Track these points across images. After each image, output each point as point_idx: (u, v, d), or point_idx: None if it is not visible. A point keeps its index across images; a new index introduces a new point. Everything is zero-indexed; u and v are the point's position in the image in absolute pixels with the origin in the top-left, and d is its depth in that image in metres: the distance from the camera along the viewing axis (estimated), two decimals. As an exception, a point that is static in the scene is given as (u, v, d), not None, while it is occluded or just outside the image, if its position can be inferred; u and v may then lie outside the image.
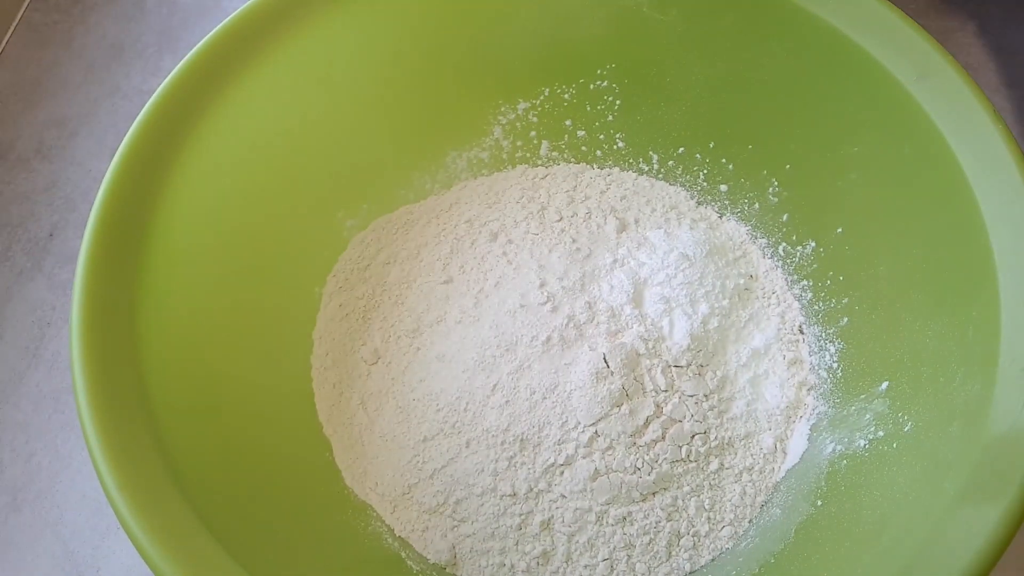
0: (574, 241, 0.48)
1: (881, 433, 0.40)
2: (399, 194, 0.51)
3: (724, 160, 0.50)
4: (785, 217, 0.48)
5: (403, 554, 0.41)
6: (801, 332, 0.47)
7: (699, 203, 0.51)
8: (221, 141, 0.43)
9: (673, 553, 0.41)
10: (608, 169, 0.53)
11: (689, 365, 0.44)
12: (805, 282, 0.47)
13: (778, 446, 0.43)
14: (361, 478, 0.43)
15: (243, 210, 0.45)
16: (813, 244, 0.47)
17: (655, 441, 0.42)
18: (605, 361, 0.43)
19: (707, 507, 0.42)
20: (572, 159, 0.53)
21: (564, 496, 0.41)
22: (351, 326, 0.47)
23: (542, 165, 0.53)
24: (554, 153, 0.53)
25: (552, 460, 0.42)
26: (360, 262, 0.49)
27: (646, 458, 0.42)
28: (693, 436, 0.42)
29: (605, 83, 0.51)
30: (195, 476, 0.36)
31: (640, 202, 0.51)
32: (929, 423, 0.38)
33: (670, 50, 0.49)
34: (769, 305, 0.47)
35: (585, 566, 0.40)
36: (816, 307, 0.47)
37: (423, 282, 0.48)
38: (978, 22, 0.59)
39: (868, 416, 0.41)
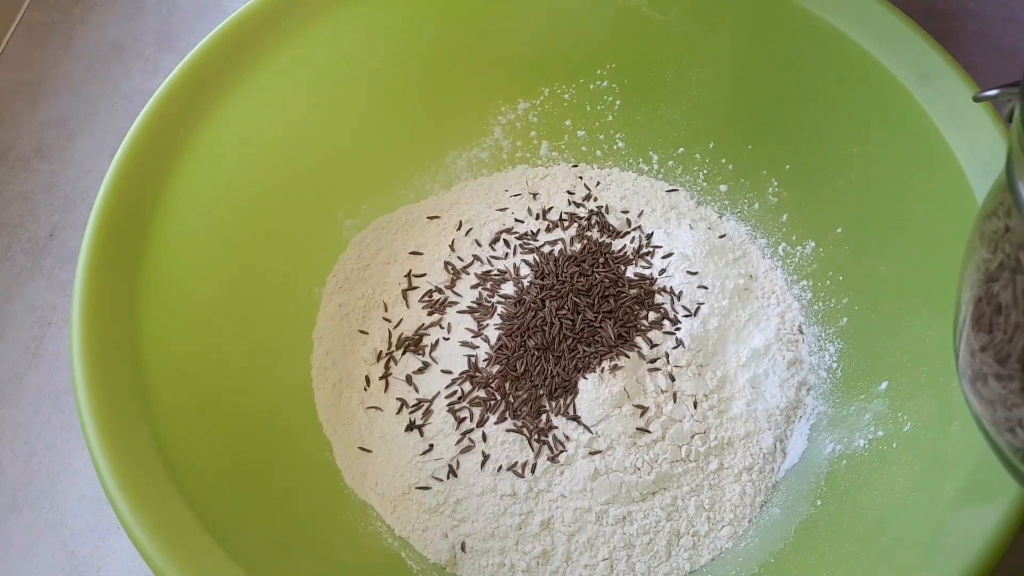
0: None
1: (881, 433, 0.40)
2: (399, 194, 0.51)
3: (724, 160, 0.50)
4: (785, 217, 0.48)
5: (403, 554, 0.41)
6: (801, 332, 0.47)
7: (699, 203, 0.51)
8: (221, 141, 0.43)
9: (673, 553, 0.41)
10: (608, 169, 0.53)
11: (689, 365, 0.44)
12: (805, 282, 0.47)
13: (778, 446, 0.43)
14: (361, 478, 0.43)
15: (243, 210, 0.45)
16: (813, 244, 0.47)
17: (655, 441, 0.42)
18: (605, 361, 0.43)
19: (707, 507, 0.42)
20: (572, 159, 0.53)
21: (564, 496, 0.41)
22: (351, 326, 0.47)
23: (542, 165, 0.53)
24: (554, 153, 0.53)
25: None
26: (360, 262, 0.49)
27: (646, 458, 0.42)
28: (693, 436, 0.43)
29: (605, 83, 0.51)
30: (195, 476, 0.36)
31: (640, 202, 0.51)
32: (929, 423, 0.38)
33: (670, 50, 0.49)
34: (769, 305, 0.47)
35: (585, 566, 0.40)
36: (816, 307, 0.47)
37: (423, 282, 0.48)
38: (978, 22, 0.59)
39: (868, 416, 0.41)
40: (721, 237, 0.49)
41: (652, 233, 0.49)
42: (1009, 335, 0.26)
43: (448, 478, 0.42)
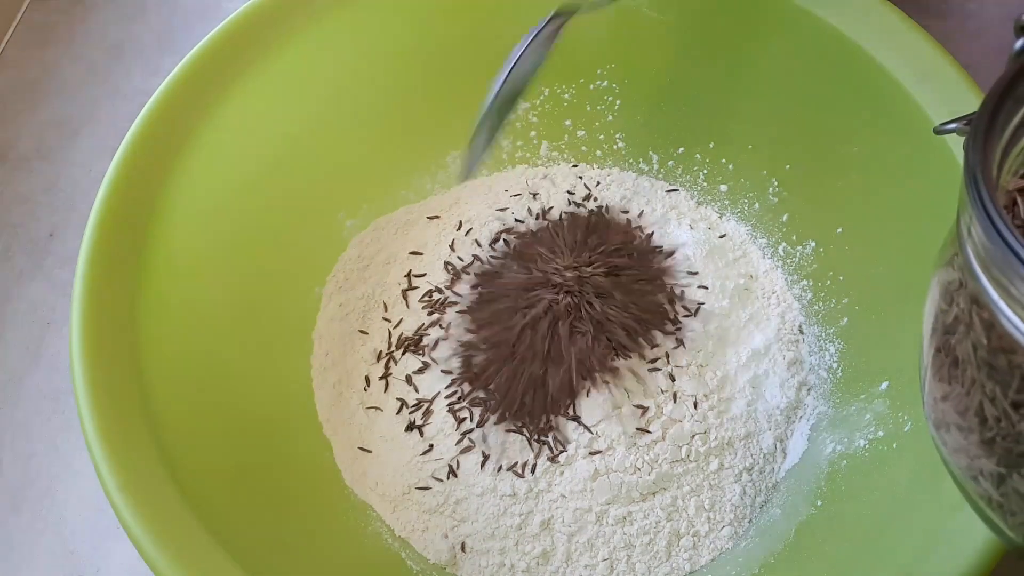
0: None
1: (881, 433, 0.40)
2: (399, 194, 0.51)
3: (724, 160, 0.50)
4: (785, 217, 0.48)
5: (403, 554, 0.41)
6: (801, 332, 0.47)
7: (699, 203, 0.51)
8: (221, 141, 0.43)
9: (673, 553, 0.41)
10: (608, 169, 0.53)
11: (689, 365, 0.44)
12: (805, 282, 0.47)
13: (778, 446, 0.43)
14: (361, 478, 0.44)
15: (243, 210, 0.45)
16: (813, 244, 0.47)
17: (655, 441, 0.42)
18: (605, 361, 0.43)
19: (707, 507, 0.42)
20: (572, 159, 0.53)
21: (564, 496, 0.41)
22: (351, 326, 0.47)
23: (542, 165, 0.53)
24: (554, 153, 0.53)
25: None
26: (360, 262, 0.49)
27: (646, 458, 0.42)
28: (693, 436, 0.43)
29: (605, 83, 0.51)
30: (195, 476, 0.36)
31: (640, 202, 0.51)
32: (929, 423, 0.38)
33: (670, 50, 0.49)
34: (769, 305, 0.47)
35: (585, 566, 0.40)
36: (816, 307, 0.47)
37: (423, 282, 0.48)
38: (978, 22, 0.59)
39: (868, 416, 0.41)
40: (721, 237, 0.49)
41: (652, 233, 0.49)
42: (966, 389, 0.26)
43: (448, 478, 0.42)
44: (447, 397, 0.44)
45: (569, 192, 0.51)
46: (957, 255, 0.26)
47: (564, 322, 0.44)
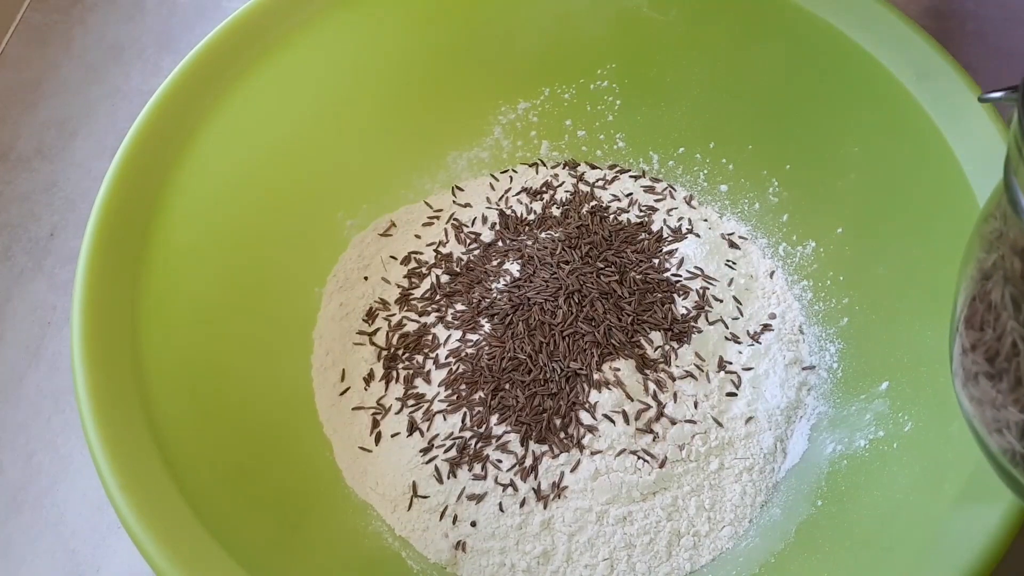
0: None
1: (881, 433, 0.40)
2: (399, 194, 0.52)
3: (724, 160, 0.50)
4: (785, 217, 0.48)
5: (404, 553, 0.41)
6: (801, 332, 0.47)
7: (699, 203, 0.51)
8: (221, 141, 0.43)
9: (673, 553, 0.41)
10: (608, 169, 0.53)
11: (689, 365, 0.44)
12: (805, 282, 0.47)
13: (778, 446, 0.43)
14: (361, 478, 0.44)
15: (243, 210, 0.45)
16: (813, 244, 0.47)
17: (655, 441, 0.42)
18: (605, 361, 0.43)
19: (707, 507, 0.42)
20: (572, 159, 0.53)
21: (565, 496, 0.41)
22: (351, 326, 0.47)
23: (542, 165, 0.53)
24: (554, 153, 0.53)
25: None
26: (360, 262, 0.49)
27: (646, 458, 0.42)
28: (693, 436, 0.43)
29: (605, 83, 0.51)
30: (195, 476, 0.36)
31: (640, 202, 0.51)
32: (929, 423, 0.38)
33: (670, 50, 0.49)
34: (769, 305, 0.47)
35: (585, 566, 0.40)
36: (816, 307, 0.47)
37: (423, 282, 0.48)
38: (977, 22, 0.59)
39: (868, 416, 0.41)
40: (721, 237, 0.49)
41: (652, 233, 0.49)
42: (998, 333, 0.27)
43: (448, 478, 0.42)
44: (447, 397, 0.44)
45: (569, 192, 0.51)
46: (999, 206, 0.27)
47: (565, 322, 0.44)
